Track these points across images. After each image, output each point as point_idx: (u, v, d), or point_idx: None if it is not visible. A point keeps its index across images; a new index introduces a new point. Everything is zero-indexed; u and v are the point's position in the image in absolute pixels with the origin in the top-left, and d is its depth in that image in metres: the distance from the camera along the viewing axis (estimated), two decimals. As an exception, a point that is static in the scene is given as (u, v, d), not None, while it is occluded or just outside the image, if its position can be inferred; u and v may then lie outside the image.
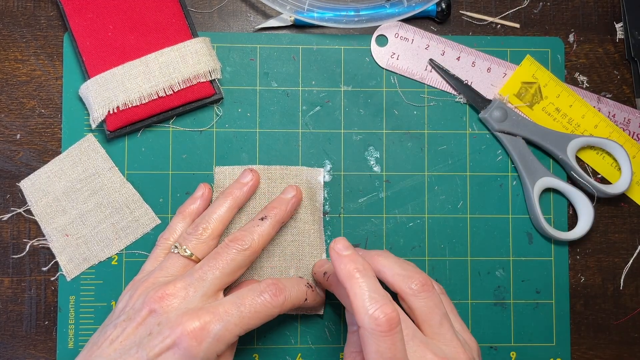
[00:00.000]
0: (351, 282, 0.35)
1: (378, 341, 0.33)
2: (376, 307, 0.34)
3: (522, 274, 0.48)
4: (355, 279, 0.35)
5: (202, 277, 0.39)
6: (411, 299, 0.39)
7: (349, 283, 0.35)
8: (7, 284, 0.47)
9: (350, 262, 0.36)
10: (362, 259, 0.36)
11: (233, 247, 0.41)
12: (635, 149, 0.49)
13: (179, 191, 0.48)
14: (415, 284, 0.39)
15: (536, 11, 0.50)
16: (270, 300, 0.39)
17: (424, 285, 0.39)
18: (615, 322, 0.49)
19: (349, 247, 0.37)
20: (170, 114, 0.47)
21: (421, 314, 0.39)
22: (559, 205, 0.49)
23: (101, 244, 0.47)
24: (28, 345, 0.47)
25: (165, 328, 0.37)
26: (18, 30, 0.48)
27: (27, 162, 0.47)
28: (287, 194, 0.45)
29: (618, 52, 0.50)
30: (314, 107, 0.49)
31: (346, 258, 0.36)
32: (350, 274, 0.35)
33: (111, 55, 0.46)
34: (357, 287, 0.35)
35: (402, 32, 0.49)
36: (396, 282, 0.39)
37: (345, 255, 0.36)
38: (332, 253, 0.37)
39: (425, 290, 0.39)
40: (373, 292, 0.34)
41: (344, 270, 0.36)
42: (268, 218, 0.43)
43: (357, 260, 0.36)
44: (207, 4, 0.49)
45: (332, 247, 0.37)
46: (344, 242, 0.37)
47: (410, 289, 0.39)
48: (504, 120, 0.48)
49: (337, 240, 0.37)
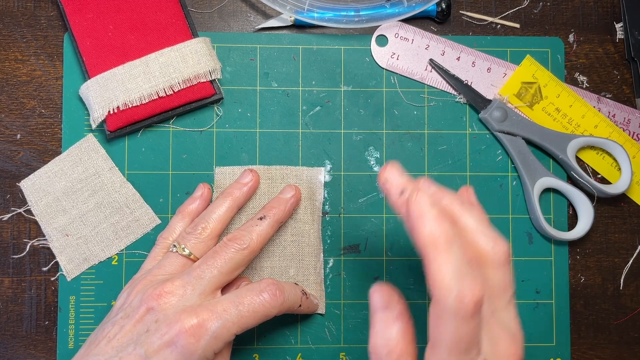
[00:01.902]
0: (436, 252, 0.30)
1: (459, 323, 0.29)
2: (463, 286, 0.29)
3: (522, 274, 0.48)
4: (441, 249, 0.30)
5: (200, 276, 0.39)
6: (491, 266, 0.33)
7: (433, 253, 0.30)
8: (7, 284, 0.47)
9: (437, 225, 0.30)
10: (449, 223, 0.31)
11: (231, 246, 0.41)
12: (635, 149, 0.49)
13: (179, 191, 0.48)
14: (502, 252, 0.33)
15: (536, 11, 0.50)
16: (270, 301, 0.39)
17: (508, 255, 0.33)
18: (615, 322, 0.49)
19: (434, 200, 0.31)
20: (170, 114, 0.47)
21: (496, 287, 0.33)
22: (559, 205, 0.49)
23: (101, 244, 0.47)
24: (28, 345, 0.47)
25: (163, 325, 0.37)
26: (18, 30, 0.48)
27: (27, 162, 0.48)
28: (286, 193, 0.46)
29: (618, 52, 0.50)
30: (314, 107, 0.49)
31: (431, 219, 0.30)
32: (436, 242, 0.30)
33: (111, 55, 0.46)
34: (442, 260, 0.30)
35: (402, 32, 0.49)
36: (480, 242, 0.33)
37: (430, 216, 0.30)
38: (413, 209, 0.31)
39: (508, 261, 0.33)
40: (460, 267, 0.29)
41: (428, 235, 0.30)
42: (267, 218, 0.43)
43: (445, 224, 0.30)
44: (207, 4, 0.49)
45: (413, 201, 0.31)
46: (429, 184, 0.32)
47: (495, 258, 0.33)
48: (504, 120, 0.48)
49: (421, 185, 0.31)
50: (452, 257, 0.30)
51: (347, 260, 0.48)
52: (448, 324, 0.30)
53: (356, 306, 0.47)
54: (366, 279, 0.48)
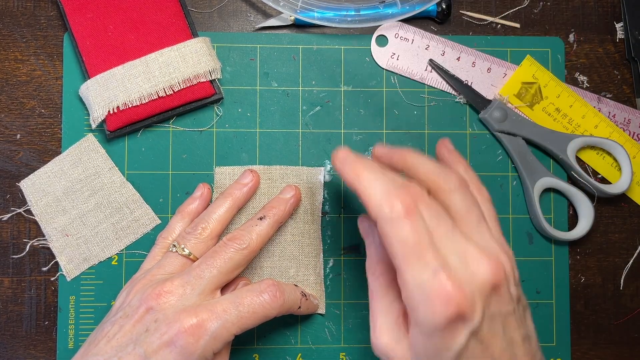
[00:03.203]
0: (359, 179, 0.33)
1: (397, 227, 0.31)
2: (389, 192, 0.32)
3: (522, 274, 0.48)
4: (362, 175, 0.33)
5: (200, 275, 0.39)
6: (448, 195, 0.35)
7: (357, 181, 0.33)
8: (7, 284, 0.47)
9: (355, 163, 0.34)
10: (367, 159, 0.35)
11: (231, 246, 0.41)
12: (635, 149, 0.49)
13: (179, 191, 0.48)
14: (453, 180, 0.35)
15: (536, 11, 0.50)
16: (270, 302, 0.39)
17: (462, 181, 0.35)
18: (615, 322, 0.49)
19: (350, 152, 0.35)
20: (170, 114, 0.47)
21: (459, 211, 0.35)
22: (559, 205, 0.49)
23: (101, 244, 0.47)
24: (28, 345, 0.47)
25: (162, 325, 0.37)
26: (18, 30, 0.48)
27: (27, 162, 0.48)
28: (286, 193, 0.46)
29: (618, 52, 0.50)
30: (314, 107, 0.49)
31: (349, 161, 0.35)
32: (357, 172, 0.33)
33: (111, 55, 0.46)
34: (365, 181, 0.33)
35: (402, 32, 0.49)
36: (430, 178, 0.36)
37: (348, 159, 0.35)
38: (336, 162, 0.35)
39: (463, 186, 0.35)
40: (382, 181, 0.32)
41: (350, 172, 0.34)
42: (267, 218, 0.43)
43: (361, 160, 0.34)
44: (207, 4, 0.49)
45: (335, 156, 0.35)
46: (346, 150, 0.36)
47: (447, 185, 0.35)
48: (504, 120, 0.48)
49: (339, 150, 0.36)
50: (374, 176, 0.33)
51: (347, 260, 0.48)
52: (387, 232, 0.32)
53: (356, 306, 0.47)
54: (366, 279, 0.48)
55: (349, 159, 0.35)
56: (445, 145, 0.42)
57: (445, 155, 0.41)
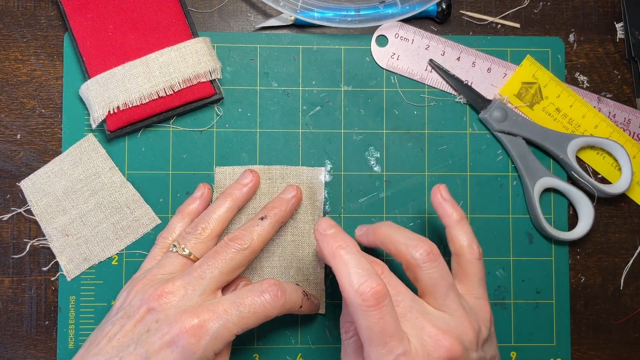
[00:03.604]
0: (335, 259, 0.35)
1: (367, 316, 0.33)
2: (361, 282, 0.33)
3: (522, 274, 0.48)
4: (338, 256, 0.35)
5: (201, 276, 0.39)
6: (415, 269, 0.37)
7: (334, 261, 0.35)
8: (8, 284, 0.47)
9: (333, 240, 0.35)
10: (346, 236, 0.36)
11: (232, 247, 0.41)
12: (635, 149, 0.49)
13: (179, 191, 0.48)
14: (420, 253, 0.37)
15: (536, 11, 0.50)
16: (271, 301, 0.39)
17: (429, 254, 0.37)
18: (615, 322, 0.49)
19: (333, 226, 0.36)
20: (170, 114, 0.47)
21: (426, 285, 0.37)
22: (559, 205, 0.49)
23: (101, 244, 0.47)
24: (28, 345, 0.47)
25: (163, 325, 0.37)
26: (18, 30, 0.48)
27: (27, 162, 0.48)
28: (287, 193, 0.46)
29: (618, 52, 0.50)
30: (314, 107, 0.49)
31: (329, 237, 0.36)
32: (334, 252, 0.35)
33: (111, 55, 0.46)
34: (341, 264, 0.34)
35: (402, 32, 0.49)
36: (399, 252, 0.38)
37: (328, 234, 0.36)
38: (316, 234, 0.37)
39: (430, 259, 0.37)
40: (357, 267, 0.34)
41: (328, 248, 0.35)
42: (268, 218, 0.43)
43: (340, 237, 0.36)
44: (207, 4, 0.49)
45: (316, 228, 0.37)
46: (328, 222, 0.37)
47: (414, 259, 0.37)
48: (504, 120, 0.48)
49: (321, 221, 0.37)
50: (350, 260, 0.34)
51: (347, 260, 0.48)
52: (358, 318, 0.34)
53: (356, 306, 0.47)
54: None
55: (329, 235, 0.36)
56: (441, 193, 0.42)
57: (441, 204, 0.42)
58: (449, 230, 0.42)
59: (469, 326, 0.37)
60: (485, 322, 0.39)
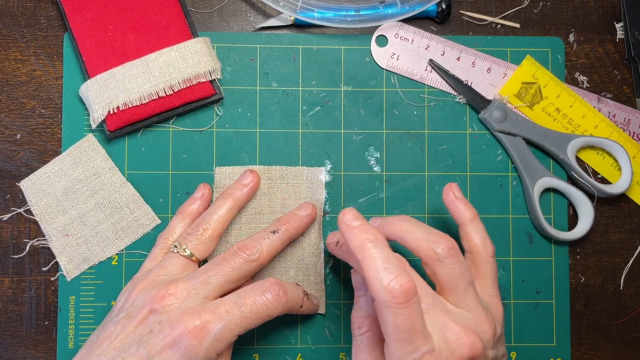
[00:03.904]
0: (363, 253, 0.33)
1: (395, 313, 0.32)
2: (391, 279, 0.32)
3: (522, 274, 0.48)
4: (367, 250, 0.33)
5: (206, 281, 0.39)
6: (436, 264, 0.37)
7: (361, 255, 0.33)
8: (7, 284, 0.47)
9: (361, 233, 0.34)
10: (373, 229, 0.34)
11: (240, 256, 0.41)
12: (635, 149, 0.49)
13: (179, 191, 0.48)
14: (442, 249, 0.36)
15: (536, 11, 0.50)
16: (273, 301, 0.39)
17: (450, 249, 0.36)
18: (615, 322, 0.49)
19: (358, 217, 0.35)
20: (170, 114, 0.47)
21: (446, 281, 0.37)
22: (559, 205, 0.49)
23: (101, 244, 0.47)
24: (28, 345, 0.47)
25: (166, 326, 0.37)
26: (18, 30, 0.48)
27: (27, 162, 0.47)
28: (302, 211, 0.45)
29: (618, 52, 0.50)
30: (314, 107, 0.49)
31: (356, 229, 0.34)
32: (362, 245, 0.33)
33: (111, 55, 0.46)
34: (369, 259, 0.33)
35: (402, 32, 0.49)
36: (420, 247, 0.37)
37: (355, 226, 0.34)
38: (342, 225, 0.35)
39: (451, 255, 0.36)
40: (386, 262, 0.33)
41: (355, 241, 0.34)
42: (279, 232, 0.43)
43: (368, 230, 0.34)
44: (207, 4, 0.49)
45: (341, 218, 0.35)
46: (353, 212, 0.35)
47: (435, 254, 0.36)
48: (504, 120, 0.48)
49: (346, 212, 0.35)
50: (378, 256, 0.33)
51: (347, 260, 0.48)
52: (385, 315, 0.32)
53: (356, 306, 0.47)
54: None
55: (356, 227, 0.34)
56: (453, 192, 0.42)
57: (454, 202, 0.42)
58: (462, 228, 0.42)
59: (487, 324, 0.36)
60: (499, 320, 0.39)
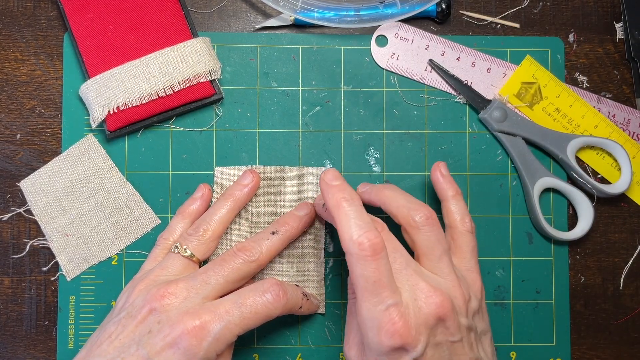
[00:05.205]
0: (338, 210, 0.36)
1: (363, 265, 0.35)
2: (360, 233, 0.35)
3: (522, 274, 0.48)
4: (342, 207, 0.36)
5: (206, 281, 0.39)
6: (414, 231, 0.39)
7: (336, 211, 0.36)
8: (7, 284, 0.47)
9: (339, 192, 0.37)
10: (350, 189, 0.37)
11: (240, 257, 0.41)
12: (635, 149, 0.49)
13: (179, 191, 0.48)
14: (420, 217, 0.39)
15: (536, 11, 0.50)
16: (273, 301, 0.39)
17: (428, 218, 0.39)
18: (615, 322, 0.49)
19: (338, 177, 0.38)
20: (170, 114, 0.47)
21: (422, 247, 0.39)
22: (559, 205, 0.49)
23: (101, 244, 0.47)
24: (28, 345, 0.47)
25: (165, 326, 0.37)
26: (18, 30, 0.48)
27: (27, 162, 0.48)
28: (301, 210, 0.46)
29: (618, 52, 0.50)
30: (314, 107, 0.49)
31: (335, 188, 0.37)
32: (338, 203, 0.36)
33: (111, 55, 0.46)
34: (343, 215, 0.36)
35: (402, 32, 0.49)
36: (400, 213, 0.40)
37: (333, 185, 0.37)
38: (322, 183, 0.38)
39: (429, 223, 0.39)
40: (358, 219, 0.35)
41: (332, 199, 0.37)
42: (278, 233, 0.43)
43: (345, 189, 0.37)
44: (207, 4, 0.49)
45: (322, 177, 0.38)
46: (334, 172, 0.38)
47: (414, 221, 0.39)
48: (504, 120, 0.48)
49: (327, 171, 0.38)
50: (352, 212, 0.36)
51: (347, 260, 0.48)
52: (354, 267, 0.35)
53: (356, 306, 0.47)
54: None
55: (334, 186, 0.37)
56: (440, 169, 0.44)
57: (439, 179, 0.44)
58: (443, 204, 0.44)
59: (459, 291, 0.38)
60: (475, 293, 0.40)
